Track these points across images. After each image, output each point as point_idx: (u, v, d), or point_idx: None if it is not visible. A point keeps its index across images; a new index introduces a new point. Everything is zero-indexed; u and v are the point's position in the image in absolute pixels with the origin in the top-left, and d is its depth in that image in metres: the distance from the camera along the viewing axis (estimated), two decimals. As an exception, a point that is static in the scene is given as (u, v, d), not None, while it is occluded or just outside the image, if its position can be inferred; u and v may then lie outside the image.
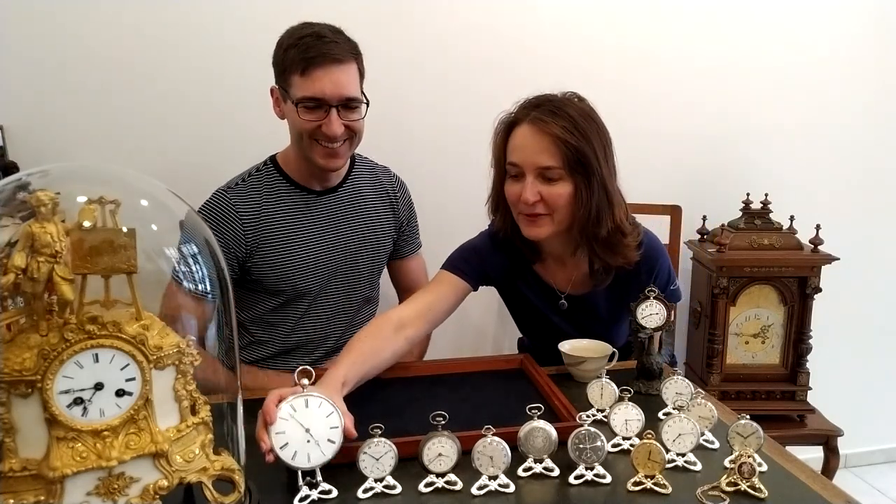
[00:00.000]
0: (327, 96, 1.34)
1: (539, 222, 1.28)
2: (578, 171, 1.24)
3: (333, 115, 1.35)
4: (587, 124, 1.24)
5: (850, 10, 2.18)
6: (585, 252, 1.34)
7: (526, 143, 1.25)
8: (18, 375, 0.67)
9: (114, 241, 0.71)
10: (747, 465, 0.91)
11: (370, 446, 0.92)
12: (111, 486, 0.71)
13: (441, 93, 1.97)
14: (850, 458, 2.48)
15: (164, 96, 1.82)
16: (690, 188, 2.17)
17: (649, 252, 1.35)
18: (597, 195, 1.25)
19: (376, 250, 1.58)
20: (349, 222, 1.53)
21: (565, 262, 1.40)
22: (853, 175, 2.29)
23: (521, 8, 1.98)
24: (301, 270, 1.47)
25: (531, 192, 1.24)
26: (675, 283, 1.43)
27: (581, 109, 1.26)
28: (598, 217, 1.26)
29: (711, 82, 2.15)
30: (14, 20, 1.70)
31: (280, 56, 1.37)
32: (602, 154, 1.25)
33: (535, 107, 1.26)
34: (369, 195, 1.58)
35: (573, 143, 1.22)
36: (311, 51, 1.32)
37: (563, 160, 1.23)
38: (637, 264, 1.33)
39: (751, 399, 2.01)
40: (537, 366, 1.31)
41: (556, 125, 1.22)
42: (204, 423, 0.80)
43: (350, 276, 1.55)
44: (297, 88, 1.35)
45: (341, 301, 1.55)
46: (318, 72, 1.32)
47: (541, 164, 1.24)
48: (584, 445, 0.95)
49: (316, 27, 1.36)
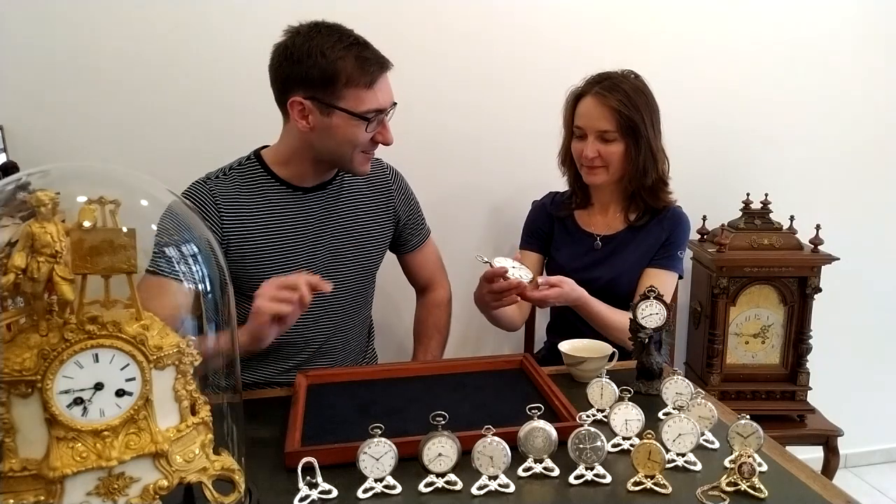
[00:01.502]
0: (387, 105, 1.34)
1: (597, 172, 1.62)
2: (629, 134, 1.57)
3: (387, 122, 1.37)
4: (638, 97, 1.57)
5: (850, 11, 2.18)
6: (628, 200, 1.68)
7: (589, 111, 1.59)
8: (18, 375, 0.67)
9: (114, 241, 0.71)
10: (747, 465, 0.91)
11: (370, 446, 0.92)
12: (111, 486, 0.71)
13: (442, 86, 1.98)
14: (850, 458, 2.48)
15: (164, 96, 1.82)
16: (690, 188, 2.16)
17: (677, 214, 1.68)
18: (643, 153, 1.58)
19: (370, 247, 1.53)
20: (337, 220, 1.48)
21: (608, 208, 1.72)
22: (853, 175, 2.29)
23: (521, 6, 1.99)
24: (281, 269, 1.40)
25: (591, 149, 1.59)
26: (682, 251, 1.67)
27: (634, 85, 1.59)
28: (645, 170, 1.60)
29: (711, 82, 2.15)
30: (14, 20, 1.70)
31: (325, 68, 1.28)
32: (649, 121, 1.58)
33: (598, 82, 1.59)
34: (361, 189, 1.52)
35: (626, 113, 1.55)
36: (370, 62, 1.30)
37: (617, 125, 1.56)
38: (663, 219, 1.66)
39: (751, 399, 2.01)
40: (537, 366, 1.31)
41: (613, 98, 1.55)
42: (204, 423, 0.80)
43: (342, 275, 1.48)
44: (358, 102, 1.30)
45: (329, 302, 1.47)
46: (381, 83, 1.32)
47: (600, 128, 1.58)
48: (584, 445, 0.95)
49: (346, 31, 1.32)
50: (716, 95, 2.16)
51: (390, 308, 2.00)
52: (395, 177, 1.60)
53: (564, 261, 1.72)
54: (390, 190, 1.57)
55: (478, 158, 2.05)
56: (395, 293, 1.85)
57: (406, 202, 1.61)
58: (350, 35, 1.32)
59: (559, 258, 1.74)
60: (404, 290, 1.75)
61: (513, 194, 2.05)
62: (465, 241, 2.04)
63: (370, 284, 1.60)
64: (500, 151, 2.05)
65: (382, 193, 1.56)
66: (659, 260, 1.65)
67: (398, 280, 1.72)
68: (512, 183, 2.07)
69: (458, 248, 1.93)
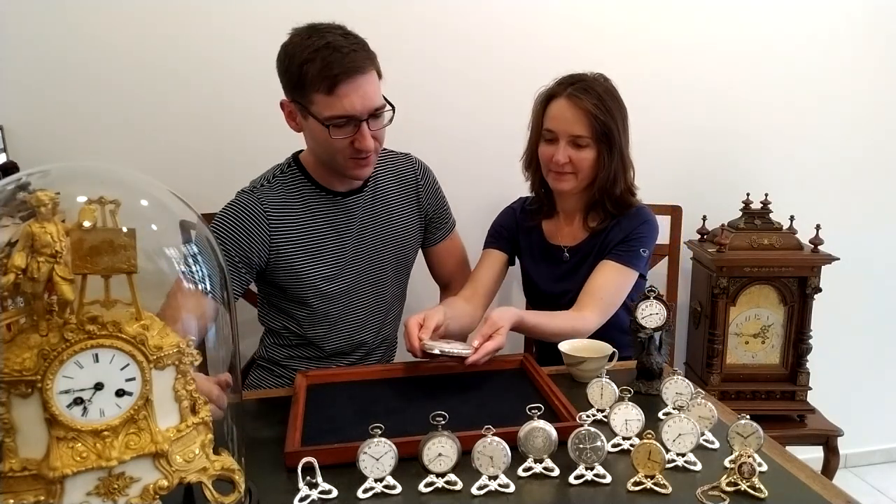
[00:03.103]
0: (357, 112, 1.28)
1: (566, 178, 1.54)
2: (603, 140, 1.50)
3: (364, 129, 1.30)
4: (611, 102, 1.50)
5: (851, 11, 2.18)
6: (590, 207, 1.60)
7: (562, 113, 1.51)
8: (18, 375, 0.67)
9: (114, 241, 0.71)
10: (747, 465, 0.91)
11: (370, 446, 0.92)
12: (111, 486, 0.71)
13: (451, 84, 1.99)
14: (850, 458, 2.48)
15: (164, 96, 1.82)
16: (690, 188, 2.17)
17: (640, 212, 1.58)
18: (615, 161, 1.52)
19: (403, 245, 1.55)
20: (374, 222, 1.50)
21: (573, 217, 1.64)
22: (853, 175, 2.29)
23: (522, 7, 1.99)
24: (328, 273, 1.44)
25: (563, 154, 1.51)
26: (645, 249, 1.56)
27: (606, 88, 1.52)
28: (615, 178, 1.53)
29: (711, 82, 2.15)
30: (14, 20, 1.70)
31: (294, 72, 1.28)
32: (622, 126, 1.52)
33: (571, 84, 1.51)
34: (392, 189, 1.54)
35: (601, 118, 1.48)
36: (333, 67, 1.24)
37: (591, 131, 1.49)
38: (623, 218, 1.57)
39: (751, 399, 2.01)
40: (537, 366, 1.31)
41: (588, 101, 1.48)
42: (204, 423, 0.80)
43: (378, 276, 1.52)
44: (322, 107, 1.27)
45: (371, 302, 1.52)
46: (345, 88, 1.25)
47: (573, 133, 1.50)
48: (584, 445, 0.95)
49: (327, 35, 1.27)
50: (716, 96, 2.16)
51: (411, 311, 2.00)
52: (424, 172, 1.60)
53: (537, 278, 1.67)
54: (418, 186, 1.58)
55: (476, 158, 2.05)
56: (413, 294, 1.84)
57: (434, 196, 1.61)
58: (325, 37, 1.26)
59: (533, 275, 1.68)
60: (421, 288, 1.75)
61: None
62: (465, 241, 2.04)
63: (406, 281, 1.63)
64: (499, 151, 2.05)
65: (411, 190, 1.57)
66: (615, 254, 1.53)
67: (416, 279, 1.72)
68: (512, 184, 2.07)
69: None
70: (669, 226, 1.99)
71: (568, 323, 1.43)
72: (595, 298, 1.49)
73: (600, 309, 1.48)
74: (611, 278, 1.51)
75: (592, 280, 1.52)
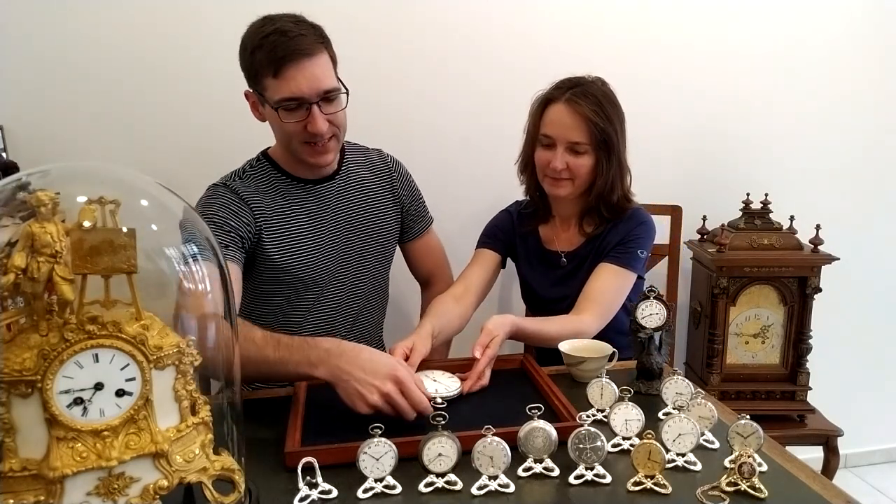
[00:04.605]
0: (305, 94, 1.29)
1: (562, 184, 1.51)
2: (602, 147, 1.48)
3: (315, 111, 1.31)
4: (610, 107, 1.47)
5: (851, 11, 2.18)
6: (586, 212, 1.57)
7: (561, 119, 1.47)
8: (18, 375, 0.67)
9: (114, 241, 0.71)
10: (747, 465, 0.91)
11: (370, 446, 0.92)
12: (111, 486, 0.71)
13: (440, 81, 1.98)
14: (850, 458, 2.48)
15: (164, 96, 1.82)
16: (690, 188, 2.17)
17: (636, 214, 1.56)
18: (613, 167, 1.49)
19: (380, 234, 1.56)
20: (349, 209, 1.51)
21: (570, 222, 1.61)
22: (853, 175, 2.30)
23: (523, 8, 1.99)
24: (305, 261, 1.45)
25: (560, 161, 1.48)
26: (643, 250, 1.54)
27: (605, 93, 1.49)
28: (613, 185, 1.51)
29: (711, 82, 2.15)
30: (14, 20, 1.71)
31: (247, 60, 1.33)
32: (620, 132, 1.50)
33: (569, 88, 1.48)
34: (365, 178, 1.55)
35: (600, 125, 1.45)
36: (278, 50, 1.27)
37: (590, 137, 1.46)
38: (619, 222, 1.55)
39: (751, 399, 2.01)
40: (537, 366, 1.31)
41: (587, 107, 1.45)
42: (204, 423, 0.80)
43: (357, 264, 1.53)
44: (272, 91, 1.30)
45: (349, 291, 1.53)
46: (291, 70, 1.28)
47: (572, 139, 1.47)
48: (584, 445, 0.95)
49: (277, 22, 1.30)
50: (716, 96, 2.16)
51: (392, 308, 2.00)
52: (396, 164, 1.63)
53: (535, 284, 1.66)
54: (391, 177, 1.59)
55: (475, 160, 2.05)
56: (395, 292, 1.84)
57: (408, 188, 1.63)
58: (274, 24, 1.29)
59: (531, 281, 1.67)
60: (405, 287, 1.75)
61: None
62: (462, 241, 2.04)
63: (386, 273, 1.63)
64: (498, 153, 2.05)
65: (385, 180, 1.58)
66: (613, 256, 1.52)
67: (399, 277, 1.72)
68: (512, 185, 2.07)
69: (452, 250, 1.92)
70: (669, 226, 1.99)
71: (567, 328, 1.42)
72: (594, 302, 1.48)
73: (599, 312, 1.47)
74: (609, 281, 1.50)
75: (591, 283, 1.51)
